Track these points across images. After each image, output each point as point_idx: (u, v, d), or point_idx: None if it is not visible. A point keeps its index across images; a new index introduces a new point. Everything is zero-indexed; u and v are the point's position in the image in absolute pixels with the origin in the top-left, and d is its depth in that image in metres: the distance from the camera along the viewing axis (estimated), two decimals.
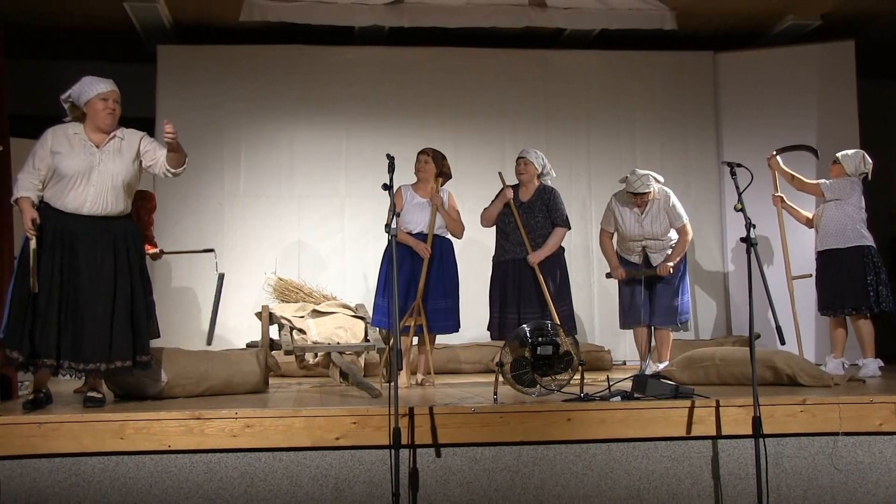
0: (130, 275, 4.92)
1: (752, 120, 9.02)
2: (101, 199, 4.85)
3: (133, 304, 4.90)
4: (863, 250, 6.53)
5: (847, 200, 6.61)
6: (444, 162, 6.53)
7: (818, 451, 4.67)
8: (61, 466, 4.26)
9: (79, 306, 4.75)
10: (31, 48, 8.81)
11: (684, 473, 4.59)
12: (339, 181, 8.88)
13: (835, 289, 6.56)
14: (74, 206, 4.81)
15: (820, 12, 8.61)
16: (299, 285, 8.03)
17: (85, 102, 4.90)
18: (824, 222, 6.69)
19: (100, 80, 4.96)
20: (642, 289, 6.71)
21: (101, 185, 4.84)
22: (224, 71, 8.79)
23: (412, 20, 8.33)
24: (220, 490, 4.32)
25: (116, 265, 4.87)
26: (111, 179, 4.87)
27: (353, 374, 5.88)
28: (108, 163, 4.89)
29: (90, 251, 4.81)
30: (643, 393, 4.78)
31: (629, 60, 9.30)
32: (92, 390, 4.91)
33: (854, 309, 6.51)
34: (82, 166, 4.81)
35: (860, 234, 6.58)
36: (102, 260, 4.83)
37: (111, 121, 4.93)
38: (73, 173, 4.79)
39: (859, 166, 6.72)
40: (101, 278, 4.80)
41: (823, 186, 6.73)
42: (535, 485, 4.49)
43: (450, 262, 6.45)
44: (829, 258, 6.64)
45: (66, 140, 4.86)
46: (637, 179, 6.57)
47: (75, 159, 4.81)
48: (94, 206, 4.83)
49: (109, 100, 4.91)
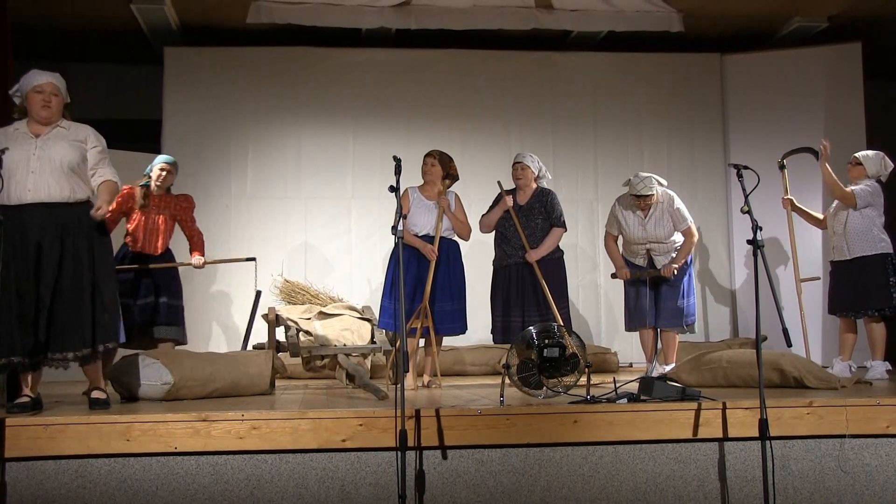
0: (87, 258, 4.77)
1: (759, 122, 9.01)
2: (44, 184, 4.71)
3: (95, 287, 4.77)
4: (886, 255, 6.50)
5: (873, 206, 6.57)
6: (451, 164, 6.54)
7: (825, 454, 4.66)
8: (68, 468, 4.26)
9: (32, 299, 4.64)
10: (38, 50, 8.83)
11: (691, 476, 4.58)
12: (346, 183, 8.89)
13: (858, 291, 6.51)
14: (18, 197, 4.69)
15: (827, 14, 8.60)
16: (306, 287, 8.02)
17: (24, 96, 4.87)
18: (849, 229, 6.56)
19: (39, 73, 4.90)
20: (647, 290, 6.71)
21: (41, 170, 4.72)
22: (231, 73, 8.81)
23: (419, 22, 8.35)
24: (227, 492, 4.33)
25: (73, 250, 4.74)
26: (50, 163, 4.74)
27: (360, 376, 5.89)
28: (48, 148, 4.77)
29: (41, 239, 4.68)
30: (650, 395, 4.77)
31: (636, 62, 9.30)
32: (95, 390, 4.89)
33: (877, 311, 6.47)
34: (21, 156, 4.70)
35: (883, 239, 6.54)
36: (52, 246, 4.70)
37: (46, 113, 4.83)
38: (14, 165, 4.66)
39: (880, 168, 6.67)
40: (53, 265, 4.68)
41: (858, 196, 6.56)
42: (541, 487, 4.48)
43: (456, 265, 6.45)
44: (854, 264, 6.53)
45: (6, 137, 4.79)
46: (640, 182, 6.57)
47: (15, 151, 4.71)
48: (36, 193, 4.70)
49: (45, 92, 4.83)
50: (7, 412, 4.60)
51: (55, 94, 4.89)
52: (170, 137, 8.53)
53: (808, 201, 7.37)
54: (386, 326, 6.36)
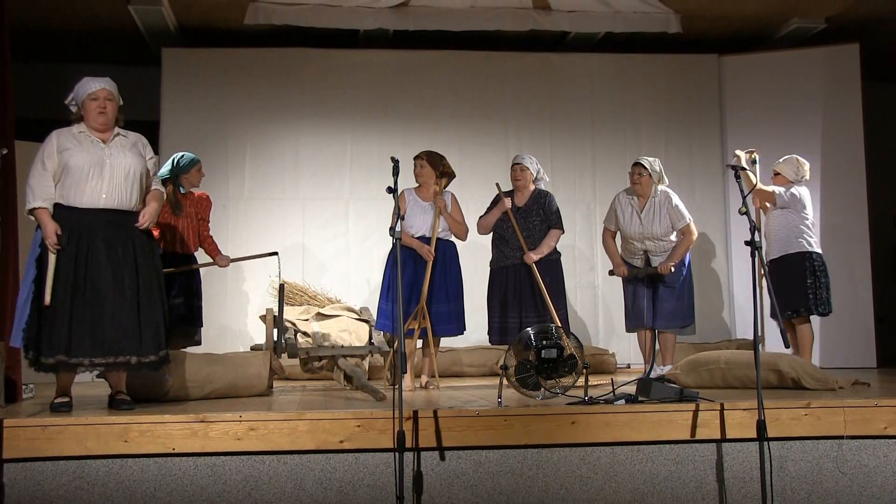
0: (147, 269, 4.89)
1: (757, 123, 9.00)
2: (117, 192, 4.82)
3: (152, 298, 4.87)
4: (804, 255, 6.71)
5: (793, 209, 6.79)
6: (443, 162, 6.51)
7: (823, 455, 4.66)
8: (66, 469, 4.26)
9: (101, 302, 4.72)
10: (36, 51, 8.84)
11: (689, 477, 4.59)
12: (344, 184, 8.88)
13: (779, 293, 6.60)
14: (91, 201, 4.78)
15: (824, 15, 8.60)
16: (303, 288, 8.02)
17: (80, 104, 4.90)
18: (771, 230, 6.87)
19: (92, 80, 4.93)
20: (645, 291, 6.71)
21: (114, 178, 4.82)
22: (229, 74, 8.80)
23: (417, 23, 8.35)
24: (225, 493, 4.33)
25: (137, 258, 4.85)
26: (123, 172, 4.85)
27: (358, 377, 5.89)
28: (118, 157, 4.86)
29: (109, 246, 4.78)
30: (647, 396, 4.77)
31: (634, 63, 9.30)
32: (119, 392, 4.91)
33: (794, 312, 6.67)
34: (93, 160, 4.78)
35: (803, 240, 6.74)
36: (123, 254, 4.81)
37: (103, 119, 4.89)
38: (84, 166, 4.75)
39: (798, 171, 6.93)
40: (124, 273, 4.78)
41: (778, 197, 6.83)
42: (539, 488, 4.49)
43: (453, 266, 6.45)
44: (776, 265, 6.77)
45: (73, 138, 4.85)
46: None
47: (84, 154, 4.79)
48: (109, 199, 4.80)
49: (100, 98, 4.87)
50: (52, 410, 4.69)
51: (110, 100, 4.93)
52: (167, 138, 8.52)
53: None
54: (384, 328, 6.35)
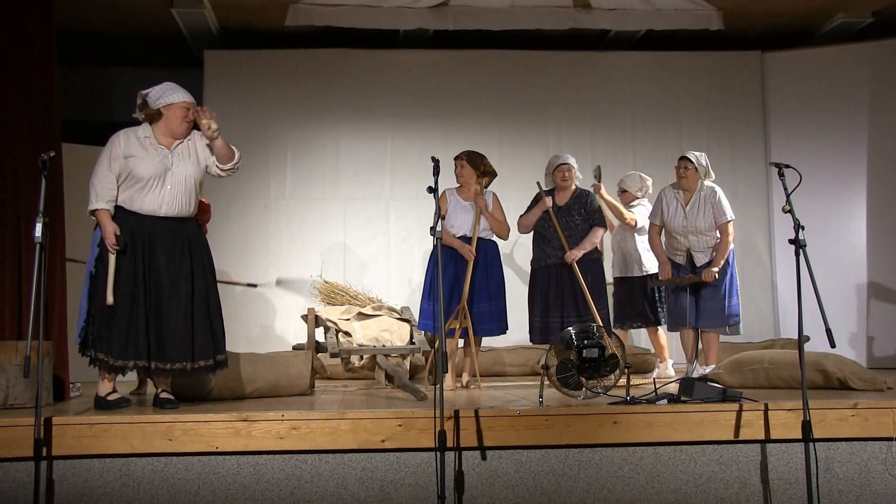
0: (205, 274, 5.00)
1: (801, 120, 8.90)
2: (177, 200, 4.92)
3: (209, 304, 4.97)
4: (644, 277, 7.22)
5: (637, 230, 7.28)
6: (484, 161, 6.51)
7: (871, 457, 4.59)
8: (112, 467, 4.32)
9: (161, 307, 4.83)
10: (81, 54, 8.96)
11: (732, 478, 4.54)
12: (385, 184, 8.91)
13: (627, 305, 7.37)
14: (152, 209, 4.88)
15: (871, 10, 8.47)
16: (345, 288, 8.06)
17: (166, 105, 4.95)
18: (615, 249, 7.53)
19: (181, 90, 5.03)
20: (687, 290, 6.65)
21: (175, 186, 4.92)
22: (270, 75, 8.87)
23: (457, 23, 8.33)
24: (267, 491, 4.36)
25: (193, 265, 4.95)
26: (184, 181, 4.95)
27: (399, 376, 5.90)
28: (180, 165, 4.95)
29: (169, 252, 4.88)
30: (690, 396, 4.73)
31: (675, 61, 9.23)
32: (164, 392, 4.98)
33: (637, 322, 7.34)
34: (157, 169, 4.87)
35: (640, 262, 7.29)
36: (181, 260, 4.91)
37: (186, 128, 5.01)
38: (148, 176, 4.85)
39: (641, 186, 7.43)
40: (180, 279, 4.88)
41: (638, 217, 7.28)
42: (581, 488, 4.47)
43: (495, 265, 6.44)
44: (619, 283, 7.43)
45: (138, 143, 4.92)
46: None
47: (149, 162, 4.87)
48: (170, 207, 4.91)
49: (191, 110, 4.98)
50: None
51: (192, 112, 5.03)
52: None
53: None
54: (425, 328, 6.36)
